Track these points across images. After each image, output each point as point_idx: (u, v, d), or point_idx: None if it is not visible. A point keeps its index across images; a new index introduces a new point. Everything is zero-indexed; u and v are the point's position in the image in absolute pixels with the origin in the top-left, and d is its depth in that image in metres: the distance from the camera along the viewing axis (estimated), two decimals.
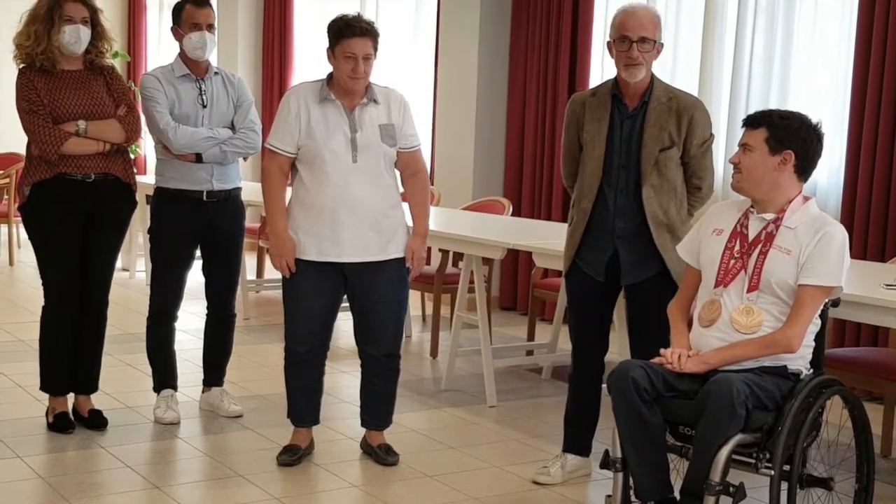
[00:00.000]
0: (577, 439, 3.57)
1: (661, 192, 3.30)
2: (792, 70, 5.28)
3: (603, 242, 3.38)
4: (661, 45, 3.33)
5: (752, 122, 2.93)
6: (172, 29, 4.06)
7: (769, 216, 2.93)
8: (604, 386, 3.02)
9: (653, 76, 3.34)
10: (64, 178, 3.77)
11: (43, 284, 3.89)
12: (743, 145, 2.93)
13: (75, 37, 3.75)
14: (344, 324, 4.11)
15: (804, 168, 2.92)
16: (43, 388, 3.98)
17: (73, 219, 3.81)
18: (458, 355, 4.85)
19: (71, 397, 4.02)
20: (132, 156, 9.52)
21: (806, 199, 2.95)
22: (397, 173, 3.69)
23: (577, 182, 3.45)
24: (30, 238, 3.89)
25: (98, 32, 3.83)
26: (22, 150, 3.94)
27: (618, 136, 3.33)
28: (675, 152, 3.30)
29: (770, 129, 2.89)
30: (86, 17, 3.78)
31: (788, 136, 2.89)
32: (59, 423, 3.92)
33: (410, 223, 3.68)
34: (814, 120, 2.93)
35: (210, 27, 4.00)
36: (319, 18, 8.16)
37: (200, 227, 4.04)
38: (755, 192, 2.93)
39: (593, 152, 3.36)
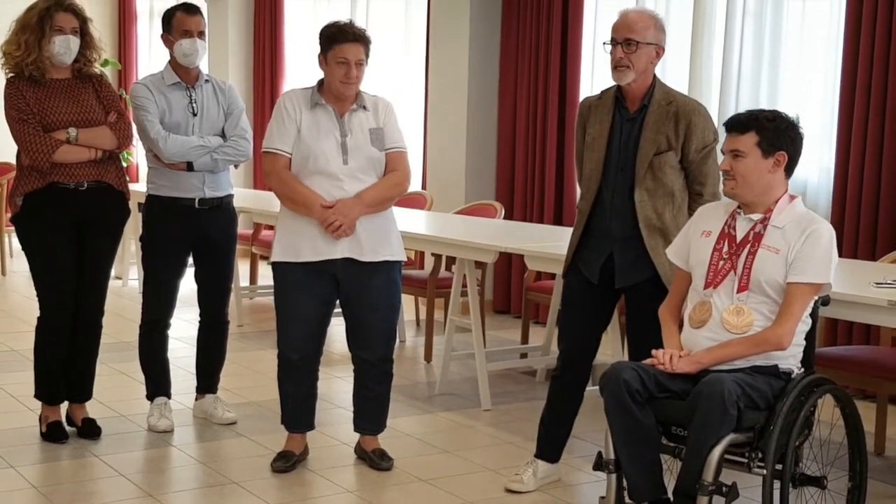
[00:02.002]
0: (550, 446, 3.56)
1: (655, 195, 3.30)
2: (781, 72, 5.30)
3: (599, 244, 3.38)
4: (660, 48, 3.30)
5: (738, 126, 2.90)
6: (163, 36, 4.06)
7: (756, 216, 2.94)
8: (595, 388, 3.03)
9: (655, 79, 3.33)
10: (56, 187, 3.77)
11: (37, 294, 3.87)
12: (733, 151, 2.90)
13: (65, 47, 3.75)
14: (337, 329, 4.12)
15: (792, 166, 2.94)
16: (38, 396, 3.97)
17: (67, 228, 3.81)
18: (452, 359, 4.86)
19: (64, 406, 4.01)
20: (124, 164, 9.50)
21: (792, 197, 2.96)
22: None
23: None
24: (23, 248, 3.87)
25: (87, 41, 3.83)
26: (13, 159, 3.94)
27: (617, 138, 3.34)
28: (671, 156, 3.29)
29: (760, 132, 2.88)
30: (75, 27, 3.78)
31: (778, 137, 2.89)
32: (52, 433, 3.92)
33: (402, 226, 3.66)
34: (792, 116, 2.94)
35: (201, 34, 4.00)
36: (310, 25, 8.17)
37: (193, 235, 4.04)
38: (749, 196, 2.92)
39: (593, 154, 3.37)
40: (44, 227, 3.79)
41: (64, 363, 3.91)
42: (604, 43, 3.32)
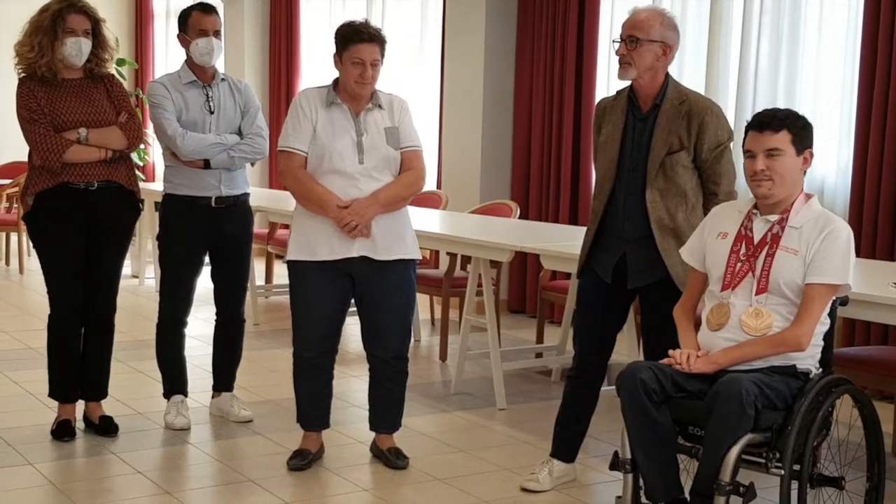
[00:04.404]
0: (566, 445, 3.55)
1: (667, 196, 3.28)
2: (798, 71, 5.27)
3: (612, 244, 3.37)
4: (667, 45, 3.25)
5: (774, 125, 2.86)
6: (179, 36, 4.08)
7: (773, 217, 2.92)
8: (612, 388, 3.02)
9: (668, 78, 3.31)
10: (67, 187, 3.78)
11: (48, 293, 3.89)
12: (770, 150, 2.85)
13: (77, 49, 3.76)
14: (352, 328, 4.12)
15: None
16: (51, 395, 3.99)
17: (77, 227, 3.82)
18: (467, 358, 4.86)
19: (81, 404, 4.03)
20: (140, 163, 9.49)
21: (808, 196, 2.94)
22: None
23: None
24: (35, 247, 3.90)
25: (99, 42, 3.85)
26: (26, 159, 3.95)
27: (630, 138, 3.33)
28: (684, 156, 3.26)
29: (791, 130, 2.86)
30: (87, 28, 3.79)
31: (806, 134, 2.89)
32: (59, 431, 3.93)
33: (417, 226, 3.66)
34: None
35: (217, 33, 4.02)
36: (326, 24, 8.19)
37: (209, 233, 4.06)
38: (783, 194, 2.89)
39: (607, 154, 3.36)
40: (54, 226, 3.81)
41: (77, 362, 3.93)
42: (613, 41, 3.32)
